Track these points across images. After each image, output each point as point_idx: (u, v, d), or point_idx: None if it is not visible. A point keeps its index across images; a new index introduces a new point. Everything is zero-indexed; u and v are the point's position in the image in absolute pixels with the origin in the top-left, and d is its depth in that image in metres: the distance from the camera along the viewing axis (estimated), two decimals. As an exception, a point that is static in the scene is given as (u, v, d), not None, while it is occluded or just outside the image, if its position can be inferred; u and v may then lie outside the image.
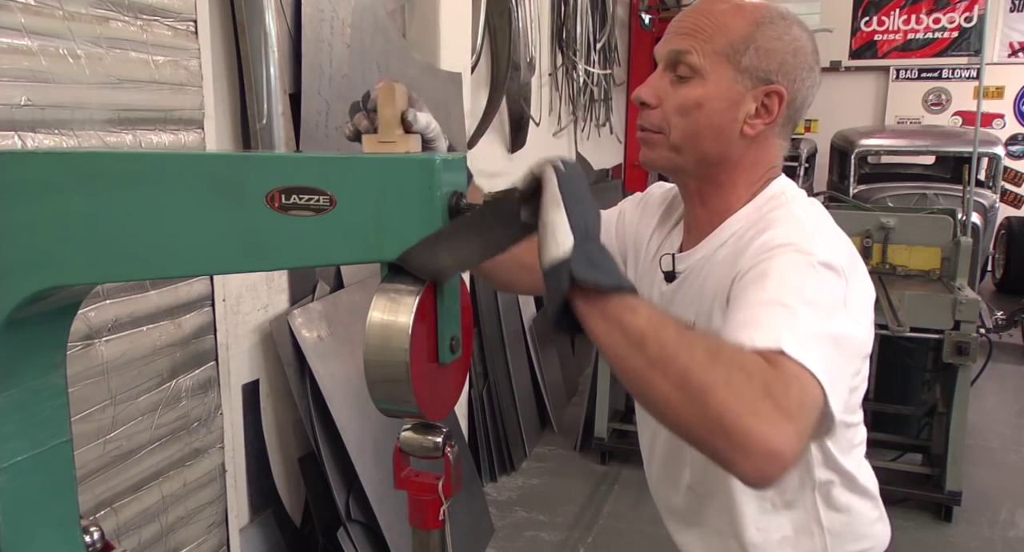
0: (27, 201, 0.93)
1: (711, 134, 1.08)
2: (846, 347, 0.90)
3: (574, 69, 4.88)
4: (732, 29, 1.06)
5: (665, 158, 1.12)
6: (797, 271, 0.93)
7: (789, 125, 1.12)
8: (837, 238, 1.03)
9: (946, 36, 8.17)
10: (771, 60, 1.06)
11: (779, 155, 1.14)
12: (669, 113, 1.09)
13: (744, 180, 1.12)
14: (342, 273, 2.55)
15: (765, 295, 0.91)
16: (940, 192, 5.99)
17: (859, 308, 0.96)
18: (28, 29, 1.33)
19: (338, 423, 2.28)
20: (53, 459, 1.05)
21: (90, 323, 1.49)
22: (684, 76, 1.07)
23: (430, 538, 1.05)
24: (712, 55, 1.06)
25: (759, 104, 1.07)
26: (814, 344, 0.85)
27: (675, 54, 1.08)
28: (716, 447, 0.77)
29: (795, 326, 0.86)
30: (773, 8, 1.10)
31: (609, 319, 0.80)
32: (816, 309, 0.89)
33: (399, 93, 0.89)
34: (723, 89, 1.06)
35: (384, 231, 0.86)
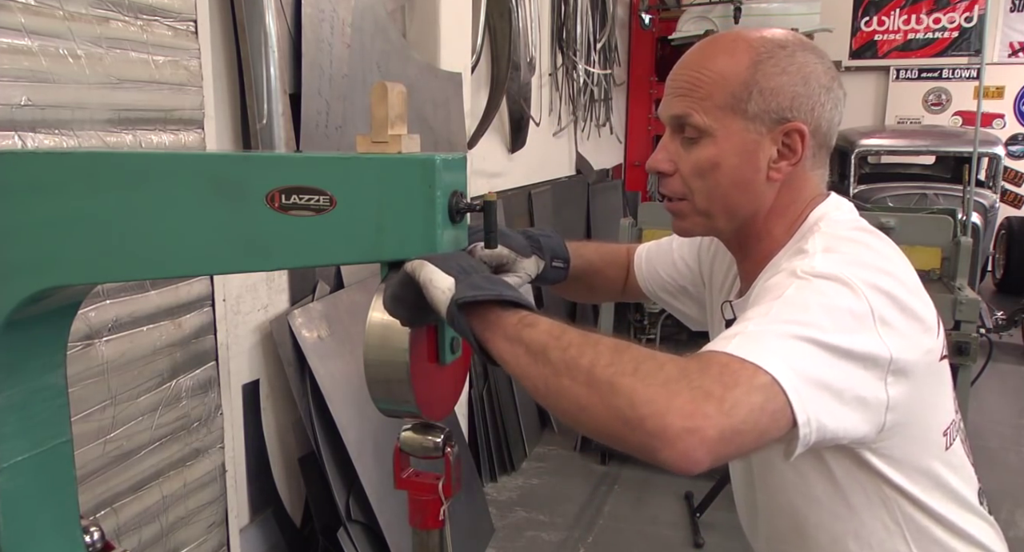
0: (27, 201, 0.93)
1: (736, 191, 1.02)
2: (838, 353, 0.82)
3: (574, 69, 4.88)
4: (729, 78, 0.98)
5: (697, 225, 1.07)
6: (779, 284, 0.88)
7: (823, 152, 1.04)
8: (858, 258, 0.93)
9: (946, 36, 8.16)
10: (780, 98, 0.98)
11: (818, 185, 1.06)
12: (688, 178, 1.03)
13: (783, 223, 1.05)
14: (342, 273, 2.55)
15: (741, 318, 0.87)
16: (940, 192, 5.99)
17: (883, 322, 0.86)
18: (28, 29, 1.33)
19: (338, 423, 2.28)
20: (53, 459, 1.05)
21: (90, 323, 1.49)
22: (692, 137, 1.01)
23: (430, 538, 1.05)
24: (715, 111, 0.99)
25: (780, 145, 1.00)
26: (767, 341, 0.80)
27: (677, 118, 1.03)
28: (633, 437, 0.74)
29: (746, 328, 0.82)
30: (770, 39, 1.01)
31: (510, 338, 0.81)
32: (791, 308, 0.84)
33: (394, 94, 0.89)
34: (736, 142, 0.99)
35: (384, 231, 0.86)
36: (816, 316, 0.83)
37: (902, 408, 0.91)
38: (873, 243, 0.98)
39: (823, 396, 0.81)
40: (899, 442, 0.96)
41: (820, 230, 0.99)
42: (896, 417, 0.90)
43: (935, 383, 0.99)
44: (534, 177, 4.51)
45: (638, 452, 0.75)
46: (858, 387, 0.85)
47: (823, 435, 0.82)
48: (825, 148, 1.05)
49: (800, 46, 1.01)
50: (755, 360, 0.77)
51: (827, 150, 1.06)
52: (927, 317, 0.93)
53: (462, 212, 0.89)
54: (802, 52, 1.00)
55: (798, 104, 0.99)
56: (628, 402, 0.73)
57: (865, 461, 0.97)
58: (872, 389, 0.86)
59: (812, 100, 1.00)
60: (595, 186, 5.52)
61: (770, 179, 1.01)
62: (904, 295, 0.90)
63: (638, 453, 0.75)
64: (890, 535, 1.02)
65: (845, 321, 0.84)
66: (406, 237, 0.86)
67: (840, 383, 0.83)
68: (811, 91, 0.99)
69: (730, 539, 3.16)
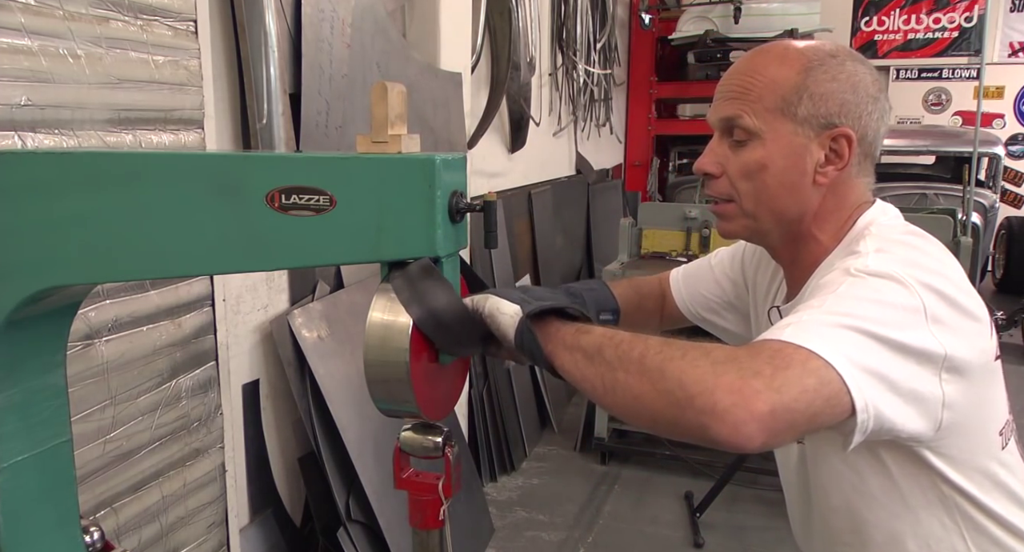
0: (27, 201, 0.93)
1: (783, 192, 1.04)
2: (891, 346, 0.84)
3: (574, 69, 4.88)
4: (780, 82, 1.01)
5: (743, 227, 1.09)
6: (833, 282, 0.90)
7: (867, 161, 1.06)
8: (911, 258, 0.94)
9: (946, 36, 8.16)
10: (829, 103, 1.01)
11: (864, 192, 1.08)
12: (735, 179, 1.05)
13: (829, 228, 1.06)
14: (342, 273, 2.55)
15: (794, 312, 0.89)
16: (940, 192, 5.99)
17: (936, 320, 0.88)
18: (28, 29, 1.33)
19: (338, 423, 2.28)
20: (53, 459, 1.05)
21: (90, 323, 1.49)
22: (741, 140, 1.04)
23: (430, 538, 1.05)
24: (765, 114, 1.02)
25: (827, 150, 1.02)
26: (820, 329, 0.81)
27: (727, 120, 1.05)
28: (684, 418, 0.76)
29: (800, 318, 0.84)
30: (820, 48, 1.04)
31: (569, 347, 0.86)
32: (844, 302, 0.85)
33: (394, 93, 0.89)
34: (784, 144, 1.02)
35: (384, 231, 0.86)
36: (870, 310, 0.85)
37: (958, 406, 0.91)
38: (925, 246, 0.99)
39: (879, 385, 0.82)
40: (956, 441, 0.97)
41: (871, 233, 1.01)
42: (953, 415, 0.91)
43: (990, 382, 1.00)
44: (534, 177, 4.51)
45: (693, 435, 0.77)
46: (913, 381, 0.86)
47: (881, 424, 0.83)
48: (870, 157, 1.07)
49: (850, 56, 1.04)
50: (809, 345, 0.79)
51: (872, 160, 1.07)
52: (981, 316, 0.95)
53: (462, 212, 0.89)
54: (852, 62, 1.03)
55: (847, 111, 1.01)
56: (678, 383, 0.76)
57: (923, 459, 0.98)
58: (928, 385, 0.88)
59: (860, 108, 1.02)
60: (595, 186, 5.52)
61: (816, 183, 1.03)
62: (957, 295, 0.91)
63: (693, 436, 0.77)
64: (948, 533, 1.02)
65: (898, 317, 0.86)
66: (406, 237, 0.86)
67: (895, 374, 0.84)
68: (860, 99, 1.02)
69: (730, 539, 3.16)
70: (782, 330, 0.83)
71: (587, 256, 5.40)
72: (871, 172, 1.08)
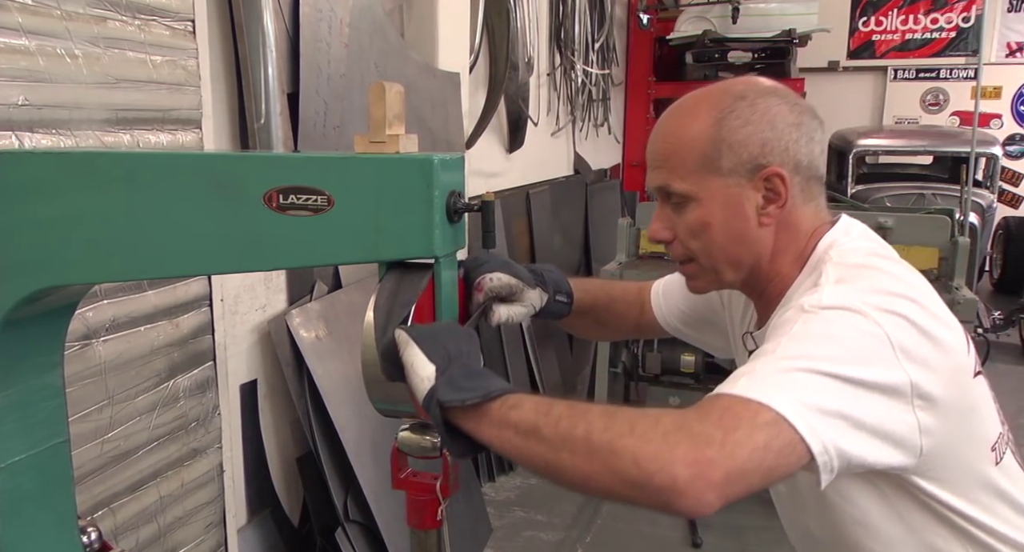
0: (24, 201, 0.93)
1: (733, 243, 1.04)
2: (851, 383, 0.83)
3: (572, 69, 4.88)
4: (697, 141, 1.01)
5: (709, 282, 1.11)
6: (788, 321, 0.90)
7: (811, 183, 1.05)
8: (873, 284, 0.92)
9: (944, 36, 8.17)
10: (751, 147, 1.00)
11: (816, 216, 1.06)
12: (686, 241, 1.06)
13: (787, 260, 1.06)
14: (340, 273, 2.55)
15: (751, 358, 0.89)
16: (938, 192, 5.99)
17: (902, 348, 0.87)
18: (26, 29, 1.33)
19: (336, 423, 2.27)
20: (50, 459, 1.04)
21: (88, 323, 1.49)
22: (679, 203, 1.04)
23: (428, 538, 1.05)
24: (691, 176, 1.02)
25: (764, 191, 1.02)
26: (772, 378, 0.81)
27: (660, 189, 1.06)
28: (645, 496, 0.75)
29: (753, 368, 0.84)
30: (729, 93, 1.03)
31: (495, 424, 0.83)
32: (798, 344, 0.85)
33: (392, 93, 0.89)
34: (720, 199, 1.02)
35: (382, 231, 0.86)
36: (824, 348, 0.84)
37: (939, 431, 0.90)
38: (889, 267, 0.98)
39: (838, 424, 0.81)
40: (947, 464, 0.96)
41: (832, 260, 1.00)
42: (934, 441, 0.90)
43: (972, 401, 0.98)
44: (532, 177, 4.51)
45: (654, 508, 0.76)
46: (881, 415, 0.85)
47: (848, 461, 0.82)
48: (814, 179, 1.06)
49: (760, 93, 1.03)
50: (759, 398, 0.79)
51: (816, 180, 1.06)
52: (950, 338, 0.93)
53: (460, 212, 0.89)
54: (763, 98, 1.02)
55: (769, 149, 1.00)
56: (632, 462, 0.75)
57: (917, 486, 0.97)
58: (900, 415, 0.87)
59: (783, 141, 1.01)
60: (593, 186, 5.51)
61: (762, 225, 1.03)
62: (923, 319, 0.90)
63: (654, 509, 0.77)
64: (949, 545, 1.02)
65: (857, 351, 0.85)
66: (404, 237, 0.86)
67: (858, 411, 0.83)
68: (780, 133, 1.01)
69: (728, 539, 3.16)
70: (735, 383, 0.82)
71: (585, 256, 5.40)
72: (819, 192, 1.07)
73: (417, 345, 0.86)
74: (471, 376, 0.85)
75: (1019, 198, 8.22)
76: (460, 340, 0.89)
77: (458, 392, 0.83)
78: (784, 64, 6.11)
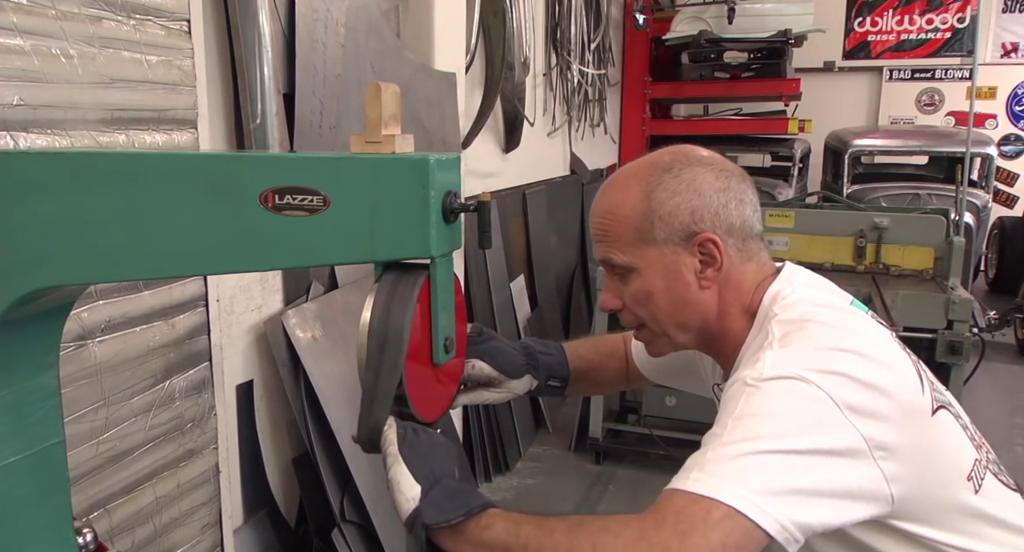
0: (20, 201, 0.93)
1: (677, 308, 1.08)
2: (802, 454, 0.86)
3: (568, 69, 4.88)
4: (629, 216, 1.06)
5: (664, 345, 1.14)
6: (733, 398, 0.92)
7: (749, 242, 1.08)
8: (813, 342, 0.96)
9: (939, 37, 8.19)
10: (681, 217, 1.04)
11: (757, 272, 1.10)
12: (633, 308, 1.11)
13: (734, 317, 1.09)
14: (336, 273, 2.55)
15: (703, 441, 0.92)
16: (933, 192, 6.01)
17: (849, 406, 0.89)
18: (21, 28, 1.33)
19: (332, 423, 2.27)
20: (46, 460, 1.04)
21: (83, 323, 1.48)
22: (622, 274, 1.09)
23: (425, 538, 1.04)
24: (628, 248, 1.06)
25: (699, 256, 1.06)
26: (721, 468, 0.85)
27: (603, 262, 1.11)
28: None
29: (704, 458, 0.87)
30: (656, 166, 1.07)
31: (471, 543, 0.89)
32: (743, 425, 0.88)
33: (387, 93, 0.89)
34: (658, 268, 1.06)
35: (378, 231, 0.86)
36: (770, 426, 0.88)
37: (907, 476, 0.92)
38: (829, 318, 1.00)
39: (793, 500, 0.85)
40: (922, 504, 0.97)
41: (776, 316, 1.02)
42: (905, 486, 0.92)
43: (935, 439, 0.99)
44: (528, 177, 4.51)
45: None
46: (839, 478, 0.88)
47: (810, 530, 0.86)
48: (751, 238, 1.09)
49: (685, 163, 1.07)
50: (710, 494, 0.83)
51: (753, 239, 1.09)
52: (896, 383, 0.95)
53: (456, 212, 0.89)
54: (688, 168, 1.06)
55: (699, 216, 1.05)
56: None
57: (900, 529, 0.98)
58: (860, 471, 0.89)
59: (712, 207, 1.05)
60: (589, 186, 5.52)
61: (703, 287, 1.07)
62: (867, 371, 0.93)
63: None
64: None
65: (803, 420, 0.88)
66: (400, 237, 0.86)
67: (812, 482, 0.86)
68: (708, 200, 1.05)
69: (724, 538, 3.16)
70: (687, 477, 0.86)
71: (581, 256, 5.40)
72: (758, 249, 1.10)
73: (406, 465, 0.92)
74: (452, 496, 0.91)
75: (1014, 198, 8.25)
76: (444, 458, 0.95)
77: (442, 513, 0.89)
78: (780, 64, 6.13)
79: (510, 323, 3.96)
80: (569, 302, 5.12)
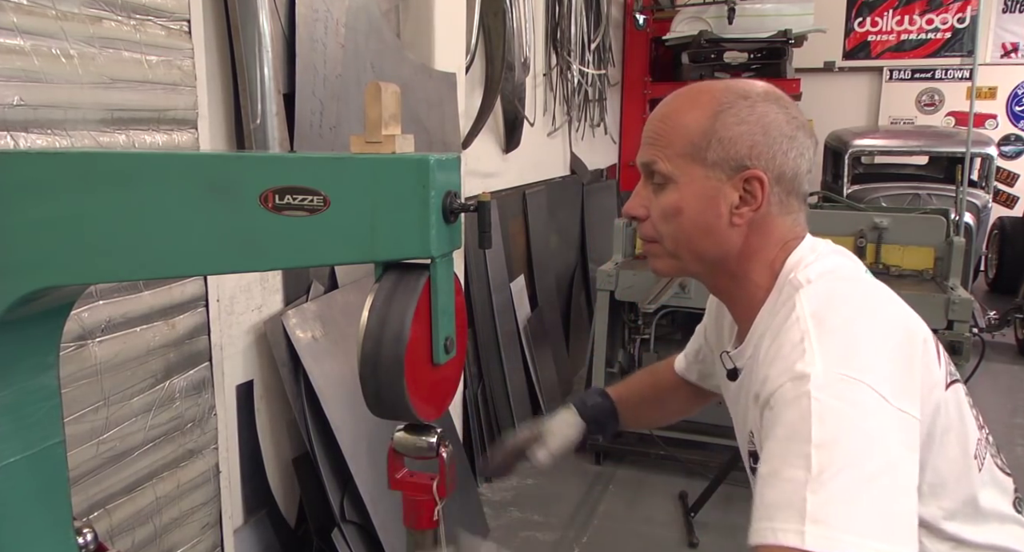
0: (20, 201, 0.93)
1: (700, 235, 1.06)
2: (888, 460, 0.83)
3: (568, 69, 4.88)
4: (690, 127, 1.03)
5: (668, 266, 1.12)
6: (799, 419, 0.86)
7: (792, 198, 1.06)
8: (848, 326, 0.93)
9: (939, 37, 8.19)
10: (739, 146, 1.02)
11: (790, 229, 1.07)
12: (657, 222, 1.08)
13: (757, 267, 1.07)
14: (336, 273, 2.55)
15: (774, 463, 0.86)
16: (933, 192, 6.01)
17: (903, 390, 0.88)
18: (21, 28, 1.33)
19: (332, 424, 2.27)
20: (46, 460, 1.04)
21: (83, 323, 1.48)
22: (660, 183, 1.07)
23: (424, 538, 1.05)
24: (677, 159, 1.04)
25: (741, 192, 1.03)
26: (833, 508, 0.79)
27: (646, 165, 1.08)
28: None
29: (810, 509, 0.80)
30: (735, 89, 1.05)
31: None
32: (830, 455, 0.82)
33: (388, 94, 0.89)
34: (697, 188, 1.04)
35: (378, 231, 0.86)
36: (852, 444, 0.82)
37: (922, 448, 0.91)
38: (856, 293, 0.99)
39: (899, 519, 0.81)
40: (927, 477, 0.97)
41: (802, 288, 1.00)
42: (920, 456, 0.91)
43: (950, 411, 1.00)
44: (528, 177, 4.51)
45: None
46: (913, 469, 0.85)
47: None
48: (795, 194, 1.07)
49: (764, 97, 1.04)
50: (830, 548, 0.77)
51: (797, 196, 1.07)
52: (920, 357, 0.95)
53: (456, 212, 0.89)
54: (764, 103, 1.03)
55: (757, 153, 1.02)
56: None
57: None
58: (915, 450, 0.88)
59: (773, 149, 1.02)
60: (589, 186, 5.52)
61: (733, 224, 1.05)
62: (899, 352, 0.92)
63: None
64: None
65: (875, 433, 0.84)
66: (400, 237, 0.86)
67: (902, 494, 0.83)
68: (771, 140, 1.02)
69: (724, 538, 3.16)
70: (801, 529, 0.79)
71: (582, 256, 5.40)
72: (798, 208, 1.08)
73: None
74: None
75: (1014, 198, 8.25)
76: None
77: None
78: (780, 65, 6.12)
79: (510, 323, 3.96)
80: (569, 302, 5.12)
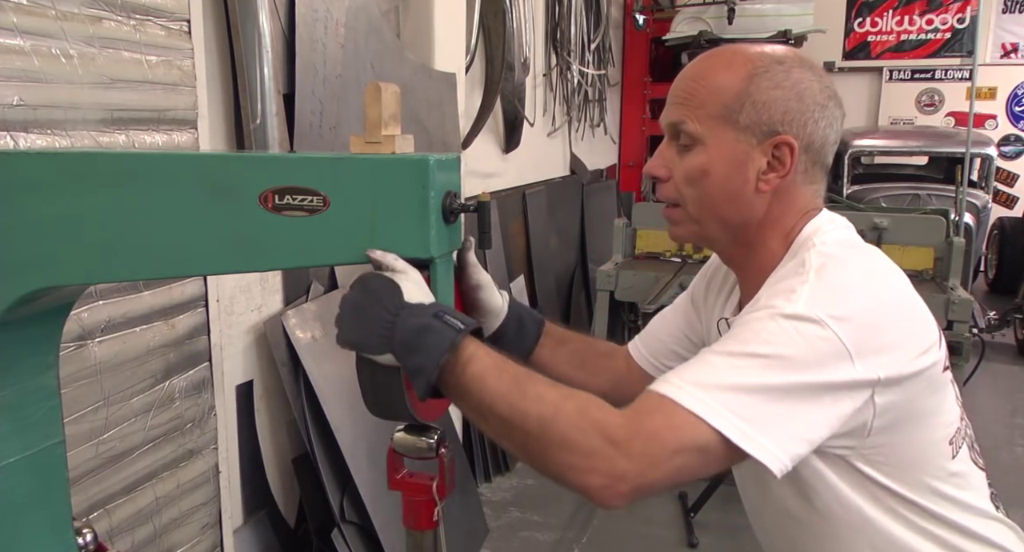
0: (20, 201, 0.93)
1: (725, 199, 1.03)
2: (802, 395, 0.87)
3: (568, 69, 4.88)
4: (724, 89, 1.01)
5: (689, 232, 1.09)
6: (750, 330, 0.91)
7: (817, 168, 1.05)
8: (848, 286, 0.94)
9: (939, 37, 8.19)
10: (772, 111, 1.00)
11: (812, 200, 1.06)
12: (680, 184, 1.05)
13: (775, 235, 1.06)
14: (336, 273, 2.55)
15: (705, 353, 0.93)
16: (933, 193, 6.01)
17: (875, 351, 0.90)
18: (21, 29, 1.33)
19: (332, 424, 2.27)
20: (46, 461, 1.04)
21: (83, 324, 1.48)
22: (686, 145, 1.04)
23: (424, 539, 1.05)
24: (707, 120, 1.01)
25: (770, 158, 1.01)
26: (711, 388, 0.86)
27: (673, 125, 1.05)
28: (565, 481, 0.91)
29: (698, 373, 0.89)
30: (769, 54, 1.02)
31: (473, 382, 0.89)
32: (751, 359, 0.88)
33: (387, 94, 0.89)
34: (726, 152, 1.01)
35: (377, 231, 0.86)
36: (776, 365, 0.88)
37: (891, 414, 0.93)
38: (865, 263, 1.00)
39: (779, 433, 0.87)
40: (897, 450, 0.97)
41: (815, 246, 1.00)
42: (885, 422, 0.93)
43: (933, 393, 0.99)
44: (528, 177, 4.52)
45: None
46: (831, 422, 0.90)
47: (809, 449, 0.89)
48: (820, 165, 1.06)
49: (798, 63, 1.03)
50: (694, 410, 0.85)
51: (822, 167, 1.06)
52: (918, 332, 0.96)
53: (456, 212, 0.89)
54: (799, 69, 1.02)
55: (790, 119, 1.00)
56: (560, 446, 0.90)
57: (868, 476, 0.98)
58: (852, 402, 0.90)
59: (805, 116, 1.01)
60: (589, 186, 5.52)
61: (759, 190, 1.03)
62: (890, 317, 0.94)
63: None
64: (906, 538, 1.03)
65: (808, 357, 0.88)
66: (399, 238, 0.86)
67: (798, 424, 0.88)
68: (804, 107, 1.01)
69: (724, 539, 3.16)
70: (679, 382, 0.88)
71: (581, 256, 5.40)
72: (820, 179, 1.07)
73: None
74: None
75: (1014, 198, 8.24)
76: None
77: None
78: (780, 65, 6.11)
79: (510, 323, 3.95)
80: (569, 302, 5.12)
